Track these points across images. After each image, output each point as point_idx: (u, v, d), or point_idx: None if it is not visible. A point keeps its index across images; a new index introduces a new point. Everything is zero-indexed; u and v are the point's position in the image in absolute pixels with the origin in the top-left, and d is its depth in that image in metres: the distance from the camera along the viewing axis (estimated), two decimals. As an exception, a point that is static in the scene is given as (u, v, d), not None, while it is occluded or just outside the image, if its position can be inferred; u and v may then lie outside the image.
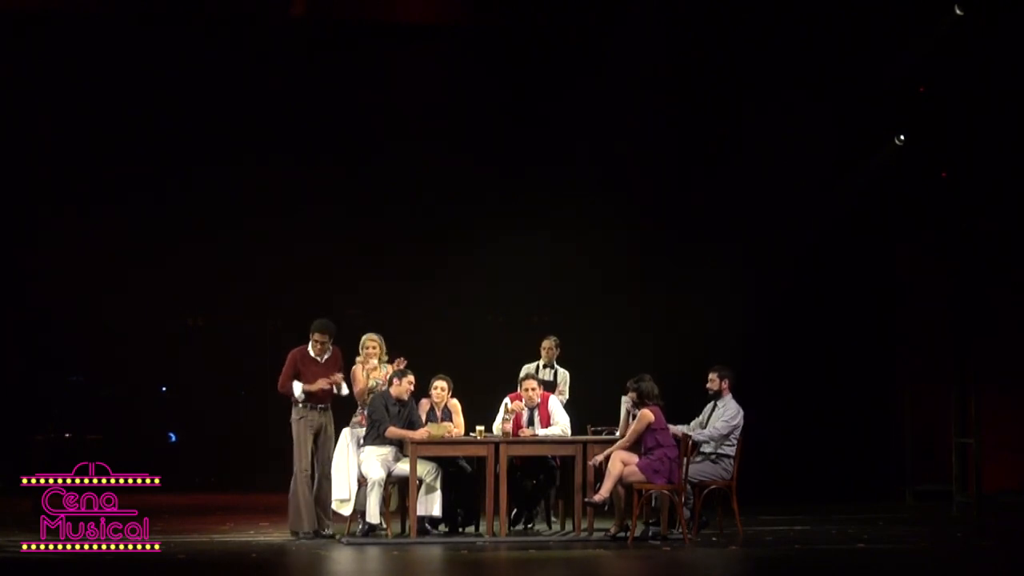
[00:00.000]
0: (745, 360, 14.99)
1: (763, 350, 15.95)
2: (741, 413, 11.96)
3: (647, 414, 11.38)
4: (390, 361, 12.05)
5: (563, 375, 12.83)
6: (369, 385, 11.96)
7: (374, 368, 12.02)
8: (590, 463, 11.57)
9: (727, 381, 12.08)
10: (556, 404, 12.42)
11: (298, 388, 11.76)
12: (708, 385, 12.11)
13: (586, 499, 11.46)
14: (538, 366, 12.80)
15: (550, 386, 12.57)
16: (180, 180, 16.69)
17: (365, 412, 11.85)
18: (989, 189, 15.11)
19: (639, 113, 16.13)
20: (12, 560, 10.20)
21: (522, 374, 12.67)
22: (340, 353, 12.07)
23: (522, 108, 16.46)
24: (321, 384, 11.77)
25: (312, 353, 11.89)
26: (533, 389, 12.28)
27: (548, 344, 12.87)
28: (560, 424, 12.33)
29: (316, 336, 11.90)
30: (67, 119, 16.26)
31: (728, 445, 11.85)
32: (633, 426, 11.44)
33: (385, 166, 16.95)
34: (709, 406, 12.12)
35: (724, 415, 11.92)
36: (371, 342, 12.14)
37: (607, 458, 11.41)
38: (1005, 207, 15.22)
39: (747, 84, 15.74)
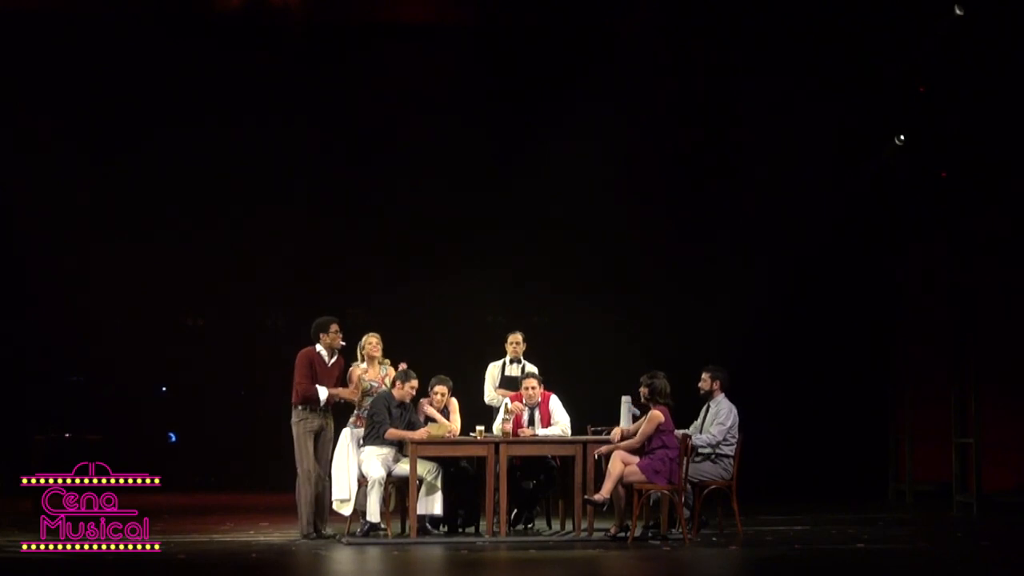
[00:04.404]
0: (746, 361, 15.05)
1: (763, 350, 15.96)
2: (734, 412, 11.91)
3: (657, 415, 11.31)
4: (394, 364, 12.00)
5: (531, 371, 12.56)
6: (363, 387, 11.91)
7: (365, 372, 11.97)
8: (593, 453, 11.54)
9: (719, 382, 12.01)
10: (556, 404, 12.37)
11: (324, 392, 11.63)
12: (700, 385, 12.04)
13: (586, 496, 11.45)
14: (504, 363, 12.68)
15: (518, 383, 12.41)
16: (179, 180, 16.71)
17: (361, 413, 11.82)
18: (989, 189, 15.11)
19: (639, 113, 16.14)
20: (12, 560, 10.19)
21: (488, 373, 12.62)
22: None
23: (522, 108, 16.47)
24: (349, 392, 11.70)
25: (323, 352, 11.81)
26: (533, 388, 12.23)
27: (515, 339, 12.63)
28: (560, 424, 12.30)
29: (333, 328, 11.76)
30: (67, 119, 16.26)
31: (727, 444, 11.82)
32: (643, 427, 11.34)
33: (385, 166, 16.96)
34: (704, 408, 12.09)
35: (718, 417, 11.88)
36: (372, 339, 12.07)
37: (609, 453, 11.39)
38: (1005, 207, 15.21)
39: (747, 84, 15.75)
